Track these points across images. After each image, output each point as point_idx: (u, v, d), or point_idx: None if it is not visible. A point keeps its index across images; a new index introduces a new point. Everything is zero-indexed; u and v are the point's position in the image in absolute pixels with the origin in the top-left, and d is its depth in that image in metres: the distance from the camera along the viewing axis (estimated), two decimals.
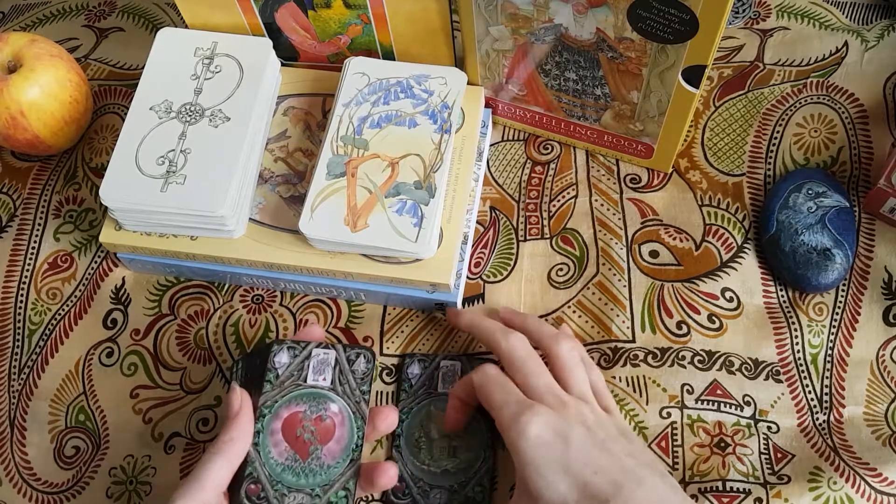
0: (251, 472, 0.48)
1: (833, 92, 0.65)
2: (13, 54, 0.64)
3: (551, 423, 0.48)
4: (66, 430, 0.60)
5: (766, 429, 0.56)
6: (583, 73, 0.58)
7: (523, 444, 0.47)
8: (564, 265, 0.62)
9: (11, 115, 0.62)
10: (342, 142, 0.59)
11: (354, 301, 0.62)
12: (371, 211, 0.56)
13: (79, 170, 0.68)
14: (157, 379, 0.60)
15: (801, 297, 0.59)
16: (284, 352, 0.51)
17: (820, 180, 0.60)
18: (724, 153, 0.64)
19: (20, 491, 0.58)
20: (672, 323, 0.59)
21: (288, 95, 0.64)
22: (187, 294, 0.63)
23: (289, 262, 0.58)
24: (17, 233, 0.66)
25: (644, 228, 0.62)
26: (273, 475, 0.48)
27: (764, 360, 0.58)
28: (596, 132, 0.63)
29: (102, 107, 0.71)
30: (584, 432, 0.48)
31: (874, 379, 0.57)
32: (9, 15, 0.77)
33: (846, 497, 0.53)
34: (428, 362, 0.58)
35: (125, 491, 0.57)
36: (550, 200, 0.64)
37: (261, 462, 0.48)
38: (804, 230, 0.58)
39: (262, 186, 0.61)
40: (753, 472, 0.54)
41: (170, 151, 0.58)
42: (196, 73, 0.61)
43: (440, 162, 0.58)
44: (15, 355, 0.62)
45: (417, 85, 0.60)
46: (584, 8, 0.53)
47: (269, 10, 0.61)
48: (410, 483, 0.54)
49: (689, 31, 0.51)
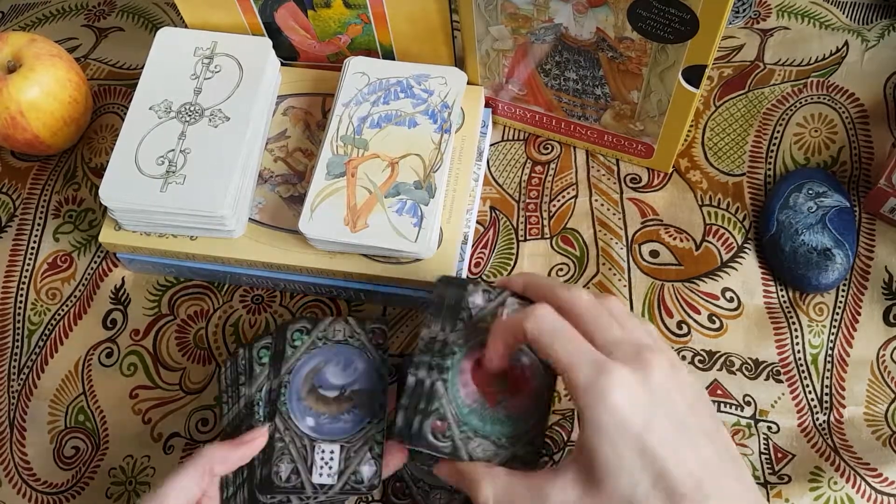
0: (437, 407, 0.46)
1: (833, 92, 0.65)
2: (13, 54, 0.64)
3: (636, 391, 0.41)
4: (66, 430, 0.60)
5: (766, 429, 0.56)
6: (583, 73, 0.58)
7: (601, 411, 0.40)
8: (565, 265, 0.62)
9: (11, 115, 0.62)
10: (342, 142, 0.59)
11: (354, 301, 0.61)
12: (371, 211, 0.56)
13: (78, 170, 0.68)
14: (156, 379, 0.60)
15: (801, 297, 0.59)
16: (479, 294, 0.48)
17: (820, 180, 0.60)
18: (725, 153, 0.64)
19: (20, 491, 0.58)
20: (672, 323, 0.59)
21: (288, 95, 0.64)
22: (187, 294, 0.63)
23: (289, 262, 0.58)
24: (16, 233, 0.66)
25: (644, 228, 0.62)
26: (460, 415, 0.46)
27: (764, 360, 0.58)
28: (596, 132, 0.63)
29: (102, 107, 0.71)
30: (667, 403, 0.42)
31: (874, 379, 0.57)
32: (8, 14, 0.77)
33: (846, 497, 0.53)
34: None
35: (125, 491, 0.57)
36: (550, 200, 0.64)
37: (448, 399, 0.46)
38: (804, 230, 0.58)
39: (261, 186, 0.61)
40: (754, 471, 0.54)
41: (169, 151, 0.58)
42: (196, 73, 0.61)
43: (440, 162, 0.58)
44: (14, 355, 0.62)
45: (417, 85, 0.60)
46: (584, 7, 0.53)
47: (269, 9, 0.61)
48: (410, 484, 0.54)
49: (689, 31, 0.51)
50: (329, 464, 0.49)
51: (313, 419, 0.50)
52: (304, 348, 0.52)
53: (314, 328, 0.52)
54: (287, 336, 0.52)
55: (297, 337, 0.52)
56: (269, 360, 0.52)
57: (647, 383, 0.41)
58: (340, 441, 0.49)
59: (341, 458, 0.49)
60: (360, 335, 0.52)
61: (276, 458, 0.49)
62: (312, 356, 0.52)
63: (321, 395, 0.51)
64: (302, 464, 0.49)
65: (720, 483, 0.40)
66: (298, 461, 0.49)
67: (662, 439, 0.40)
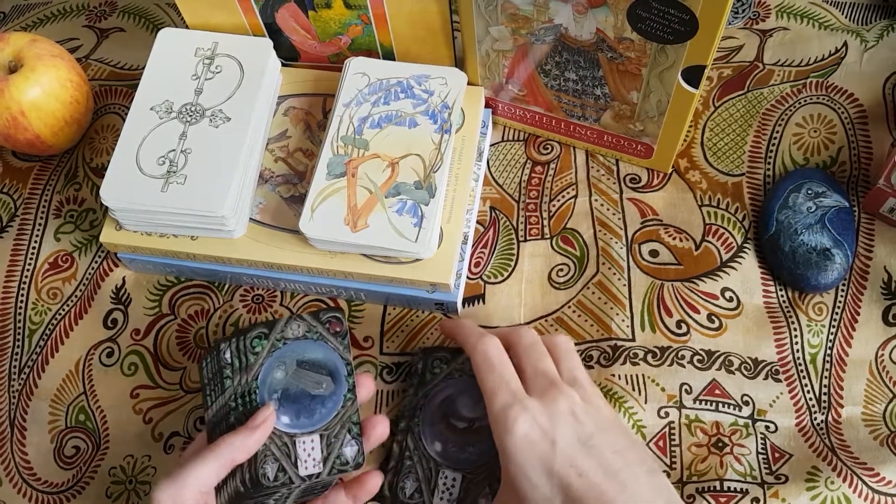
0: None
1: (832, 92, 0.66)
2: (14, 54, 0.64)
3: (539, 420, 0.47)
4: (66, 430, 0.60)
5: (763, 428, 0.56)
6: (583, 74, 0.58)
7: (509, 441, 0.46)
8: (565, 265, 0.62)
9: (12, 115, 0.62)
10: (342, 142, 0.59)
11: (354, 301, 0.62)
12: (371, 211, 0.56)
13: (79, 170, 0.68)
14: (157, 379, 0.60)
15: (800, 296, 0.60)
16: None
17: (819, 180, 0.60)
18: (724, 153, 0.65)
19: (20, 491, 0.58)
20: (672, 322, 0.59)
21: (288, 95, 0.64)
22: (187, 294, 0.63)
23: (289, 262, 0.58)
24: (17, 233, 0.66)
25: (644, 228, 0.62)
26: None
27: (763, 359, 0.58)
28: (596, 132, 0.63)
29: (103, 107, 0.71)
30: (573, 426, 0.47)
31: (873, 379, 0.57)
32: (10, 15, 0.77)
33: (843, 497, 0.53)
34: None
35: (125, 491, 0.58)
36: (550, 200, 0.64)
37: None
38: (804, 230, 0.59)
39: (262, 186, 0.61)
40: (751, 471, 0.55)
41: (170, 151, 0.58)
42: (196, 74, 0.61)
43: (440, 162, 0.58)
44: (15, 355, 0.62)
45: (417, 85, 0.60)
46: (584, 8, 0.53)
47: (270, 10, 0.61)
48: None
49: (688, 32, 0.51)
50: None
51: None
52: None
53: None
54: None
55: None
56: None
57: (552, 412, 0.47)
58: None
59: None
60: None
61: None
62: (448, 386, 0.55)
63: (451, 425, 0.54)
64: (286, 460, 0.49)
65: (628, 492, 0.45)
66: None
67: (566, 459, 0.46)
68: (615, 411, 0.52)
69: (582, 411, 0.48)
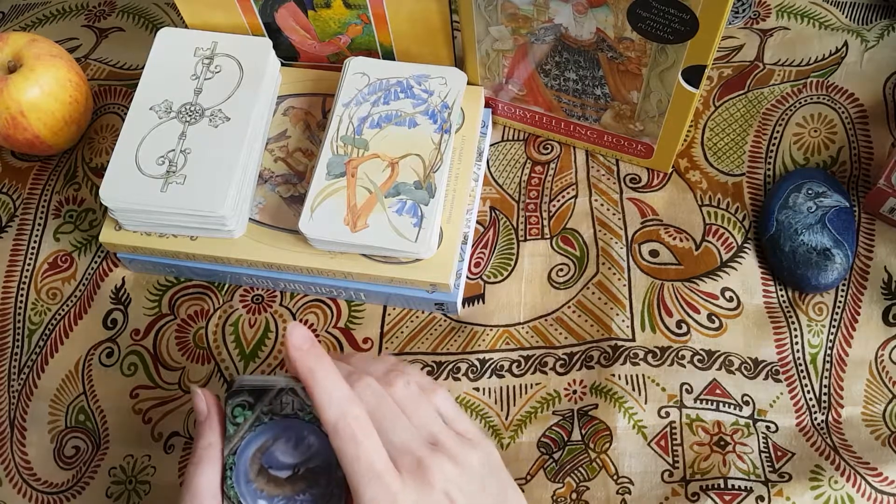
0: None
1: (833, 92, 0.66)
2: (13, 54, 0.64)
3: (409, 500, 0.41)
4: (66, 430, 0.60)
5: (764, 428, 0.56)
6: (583, 73, 0.58)
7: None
8: (565, 265, 0.62)
9: (11, 115, 0.62)
10: (342, 142, 0.59)
11: (354, 301, 0.62)
12: (371, 211, 0.56)
13: (79, 170, 0.68)
14: (156, 379, 0.60)
15: (800, 296, 0.60)
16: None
17: (820, 180, 0.60)
18: (724, 153, 0.65)
19: (20, 491, 0.58)
20: (672, 322, 0.59)
21: (288, 95, 0.64)
22: (187, 294, 0.63)
23: (289, 262, 0.58)
24: (17, 233, 0.66)
25: (644, 228, 0.62)
26: None
27: (763, 359, 0.58)
28: (596, 132, 0.63)
29: (102, 107, 0.71)
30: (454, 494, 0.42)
31: (873, 379, 0.57)
32: (9, 15, 0.77)
33: (847, 496, 0.53)
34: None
35: (125, 490, 0.58)
36: (550, 200, 0.64)
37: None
38: (804, 230, 0.59)
39: (262, 186, 0.61)
40: (754, 469, 0.55)
41: (170, 151, 0.58)
42: (196, 73, 0.61)
43: (440, 162, 0.58)
44: (15, 355, 0.62)
45: (417, 85, 0.60)
46: (584, 8, 0.53)
47: (269, 9, 0.61)
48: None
49: (689, 31, 0.51)
50: None
51: (266, 502, 0.45)
52: (248, 425, 0.45)
53: (258, 402, 0.45)
54: (226, 412, 0.45)
55: (238, 413, 0.45)
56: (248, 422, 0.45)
57: (424, 489, 0.42)
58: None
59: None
60: (311, 407, 0.44)
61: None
62: (258, 434, 0.45)
63: (272, 476, 0.45)
64: None
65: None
66: None
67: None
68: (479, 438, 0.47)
69: (456, 488, 0.43)
